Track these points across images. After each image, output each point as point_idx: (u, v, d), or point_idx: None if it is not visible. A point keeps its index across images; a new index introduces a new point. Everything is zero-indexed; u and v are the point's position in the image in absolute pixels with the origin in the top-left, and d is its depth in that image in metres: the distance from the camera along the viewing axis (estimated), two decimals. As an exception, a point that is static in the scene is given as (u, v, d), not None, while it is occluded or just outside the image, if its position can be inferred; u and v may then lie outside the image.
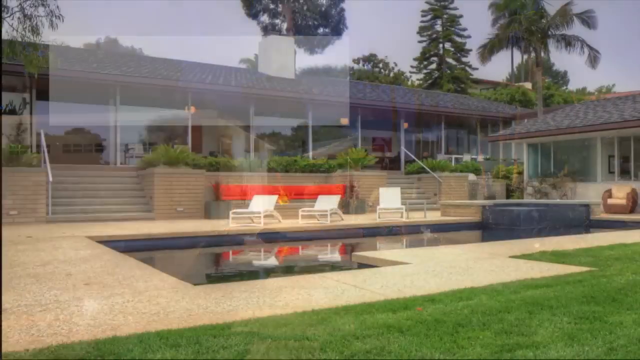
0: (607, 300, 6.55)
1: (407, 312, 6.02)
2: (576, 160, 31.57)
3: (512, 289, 7.26)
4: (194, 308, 6.53)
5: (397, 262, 10.33)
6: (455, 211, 24.63)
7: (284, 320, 5.71)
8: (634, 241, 13.20)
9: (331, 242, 19.62)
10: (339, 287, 7.70)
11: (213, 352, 4.73)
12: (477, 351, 4.74)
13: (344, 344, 4.92)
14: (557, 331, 5.31)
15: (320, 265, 15.42)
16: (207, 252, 17.34)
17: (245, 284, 8.31)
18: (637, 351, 4.71)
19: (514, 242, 13.74)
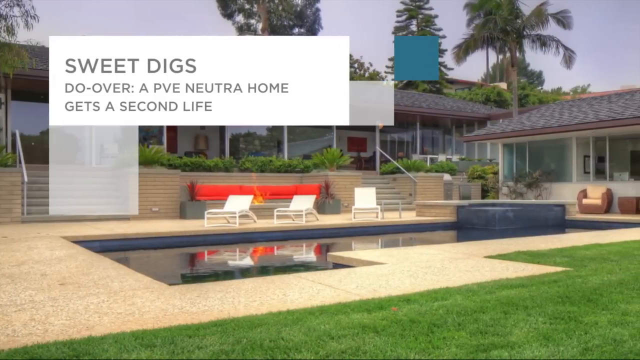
0: (583, 300, 6.57)
1: (383, 312, 6.02)
2: (551, 161, 31.68)
3: (488, 289, 7.27)
4: (169, 308, 6.53)
5: (372, 262, 10.33)
6: (431, 211, 24.65)
7: (259, 320, 5.71)
8: (609, 241, 13.24)
9: (306, 242, 19.62)
10: (314, 287, 7.71)
11: (188, 352, 4.74)
12: (452, 351, 4.75)
13: (319, 344, 4.93)
14: (532, 331, 5.32)
15: (296, 265, 15.39)
16: (182, 252, 17.34)
17: (221, 284, 8.29)
18: (612, 351, 4.73)
19: (489, 242, 13.72)
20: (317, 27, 66.90)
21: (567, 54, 41.35)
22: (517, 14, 42.56)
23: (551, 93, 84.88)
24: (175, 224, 20.70)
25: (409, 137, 44.11)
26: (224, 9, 64.67)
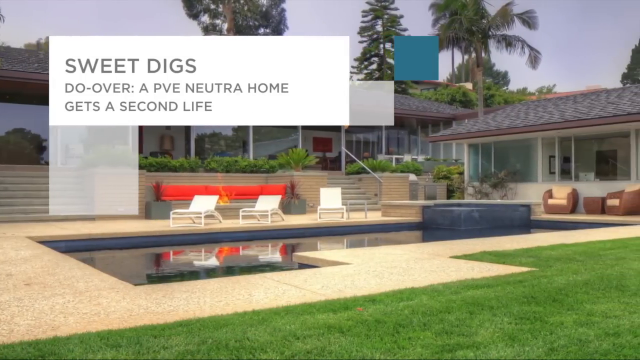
0: (548, 300, 6.59)
1: (348, 313, 6.02)
2: (517, 161, 31.81)
3: (453, 289, 7.27)
4: (135, 308, 6.50)
5: (337, 263, 10.33)
6: (396, 211, 24.70)
7: (224, 321, 5.69)
8: (574, 241, 13.27)
9: (272, 242, 19.66)
10: (280, 288, 7.69)
11: (154, 352, 4.72)
12: (417, 351, 4.76)
13: (284, 344, 4.92)
14: (497, 331, 5.33)
15: (261, 265, 15.41)
16: (147, 252, 17.33)
17: (186, 284, 8.27)
18: (578, 351, 4.75)
19: (455, 243, 13.74)
20: (283, 28, 66.99)
21: (533, 54, 41.57)
22: (483, 14, 42.69)
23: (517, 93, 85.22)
24: (140, 224, 20.66)
25: (374, 137, 44.11)
26: (189, 9, 64.58)
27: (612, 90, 32.91)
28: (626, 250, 11.34)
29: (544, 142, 29.98)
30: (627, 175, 26.69)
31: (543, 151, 30.07)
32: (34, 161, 31.00)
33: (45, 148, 32.03)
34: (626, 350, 4.76)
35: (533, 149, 30.53)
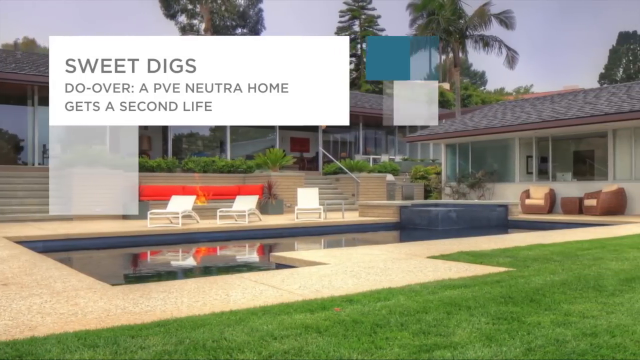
0: (525, 300, 6.60)
1: (325, 313, 6.01)
2: (494, 161, 31.90)
3: (430, 290, 7.26)
4: (112, 308, 6.48)
5: (315, 263, 10.33)
6: (373, 211, 24.73)
7: (201, 321, 5.67)
8: (551, 242, 13.29)
9: (249, 242, 19.68)
10: (257, 288, 7.68)
11: (131, 352, 4.70)
12: (395, 352, 4.75)
13: (262, 344, 4.91)
14: (475, 332, 5.33)
15: (239, 265, 15.43)
16: (125, 252, 17.32)
17: (164, 284, 8.25)
18: (555, 351, 4.75)
19: (432, 243, 13.72)
20: (260, 28, 67.10)
21: (510, 54, 41.72)
22: (460, 14, 42.77)
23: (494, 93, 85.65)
24: (118, 224, 20.69)
25: (351, 137, 44.14)
26: (167, 9, 64.56)
27: (590, 90, 33.05)
28: (603, 251, 11.36)
29: (521, 142, 30.07)
30: (604, 175, 26.82)
31: (520, 151, 30.15)
32: (11, 161, 30.89)
33: (22, 148, 31.91)
34: (603, 350, 4.77)
35: (510, 149, 30.64)
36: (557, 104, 29.99)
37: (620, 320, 5.68)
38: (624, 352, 4.74)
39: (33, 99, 28.80)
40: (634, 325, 5.48)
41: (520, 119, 28.81)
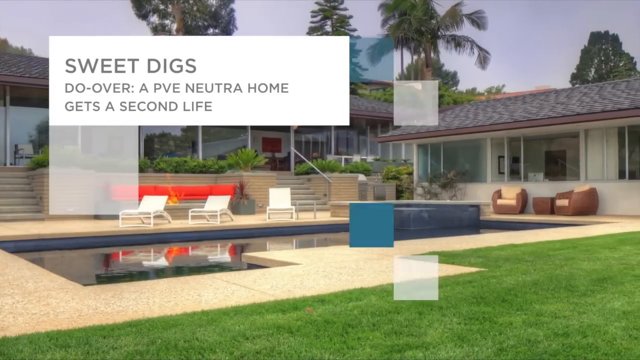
0: (497, 300, 6.62)
1: (297, 313, 6.02)
2: (466, 161, 32.00)
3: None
4: (84, 308, 6.46)
5: (287, 263, 10.34)
6: (345, 212, 24.46)
7: (173, 321, 5.67)
8: (523, 242, 13.33)
9: (221, 242, 19.69)
10: (229, 288, 7.67)
11: (103, 352, 4.69)
12: (367, 352, 4.76)
13: (233, 344, 4.91)
14: (446, 332, 5.34)
15: (210, 266, 15.42)
16: (97, 252, 17.28)
17: (135, 284, 8.23)
18: (527, 352, 4.77)
19: (404, 243, 13.67)
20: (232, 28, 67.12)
21: (482, 55, 41.95)
22: (432, 14, 42.97)
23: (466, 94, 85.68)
24: (90, 224, 20.59)
25: (323, 137, 44.08)
26: (138, 9, 64.40)
27: (561, 90, 33.23)
28: (575, 251, 11.41)
29: (493, 143, 30.18)
30: (576, 175, 26.95)
31: (492, 151, 30.26)
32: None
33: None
34: (575, 350, 4.80)
35: (482, 149, 30.73)
36: (529, 104, 30.11)
37: (591, 321, 5.71)
38: (595, 352, 4.76)
39: (5, 99, 28.70)
40: (605, 326, 5.51)
41: (492, 119, 28.88)
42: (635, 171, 25.45)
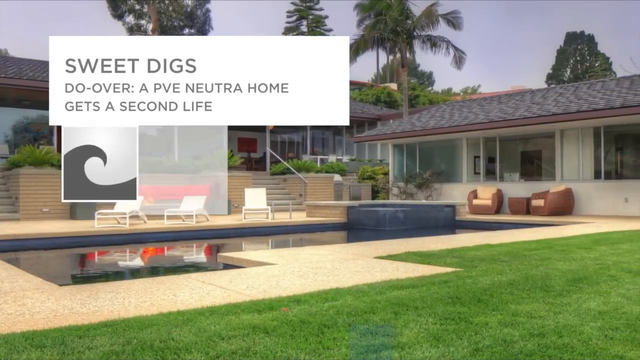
0: (473, 301, 6.63)
1: (273, 313, 6.02)
2: (442, 161, 32.05)
3: (378, 290, 7.27)
4: (60, 309, 6.44)
5: (262, 263, 10.34)
6: (321, 212, 24.79)
7: (149, 321, 5.66)
8: (499, 242, 13.36)
9: (197, 242, 19.71)
10: (205, 288, 7.67)
11: (79, 352, 4.68)
12: (342, 352, 4.76)
13: (209, 344, 4.90)
14: (422, 332, 5.34)
15: (186, 266, 15.42)
16: (72, 252, 17.26)
17: (111, 284, 8.23)
18: (503, 352, 4.78)
19: (380, 243, 13.73)
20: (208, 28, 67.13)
21: (458, 55, 41.90)
22: (408, 14, 42.92)
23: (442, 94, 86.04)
24: (65, 225, 20.53)
25: (299, 137, 44.22)
26: (114, 9, 64.31)
27: (537, 90, 33.35)
28: (551, 251, 11.45)
29: (468, 143, 30.28)
30: (551, 175, 27.10)
31: (468, 151, 30.37)
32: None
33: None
34: (551, 350, 4.81)
35: (458, 149, 30.82)
36: (505, 104, 30.23)
37: (567, 321, 5.73)
38: (571, 352, 4.78)
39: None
40: (581, 326, 5.53)
41: (467, 119, 28.95)
42: (611, 171, 25.62)
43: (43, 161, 24.92)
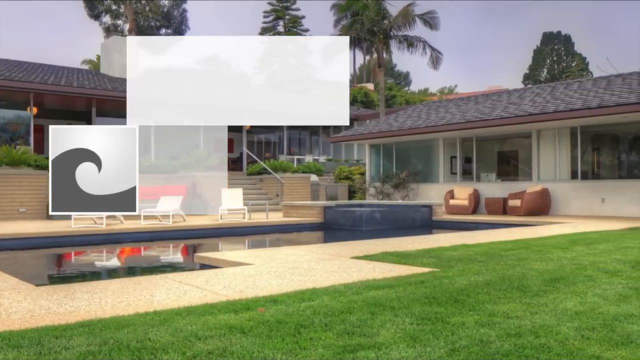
0: (449, 301, 6.63)
1: (249, 313, 6.01)
2: (419, 161, 32.17)
3: (354, 290, 7.28)
4: (36, 309, 6.42)
5: (239, 263, 10.35)
6: (298, 212, 24.84)
7: (125, 321, 5.64)
8: (476, 242, 13.41)
9: (174, 242, 19.72)
10: (181, 288, 7.66)
11: (55, 352, 4.66)
12: (319, 352, 4.76)
13: (186, 344, 4.90)
14: (399, 332, 5.34)
15: (163, 266, 15.41)
16: (49, 252, 17.24)
17: (88, 284, 8.19)
18: (479, 352, 4.78)
19: (357, 243, 13.75)
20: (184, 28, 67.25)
21: (434, 55, 42.02)
22: (384, 14, 42.98)
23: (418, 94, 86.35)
24: (42, 225, 20.48)
25: (276, 137, 44.19)
26: (91, 9, 64.22)
27: (514, 90, 33.57)
28: (527, 251, 11.48)
29: (445, 143, 30.39)
30: (528, 175, 27.23)
31: (445, 152, 30.47)
32: None
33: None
34: (527, 350, 4.82)
35: (435, 149, 30.92)
36: (481, 104, 30.37)
37: (544, 321, 5.75)
38: (548, 352, 4.79)
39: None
40: (557, 326, 5.55)
41: (444, 120, 29.02)
42: (588, 171, 25.75)
43: (20, 161, 24.84)
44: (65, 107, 34.67)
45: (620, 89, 23.98)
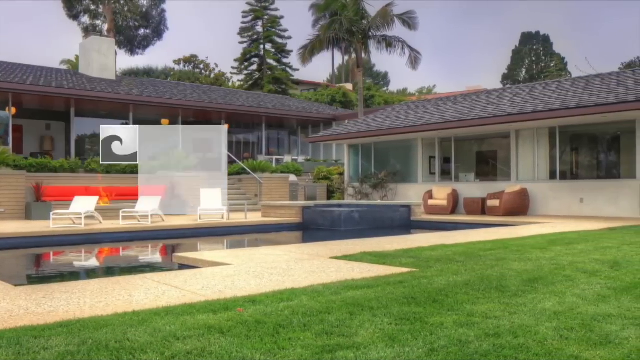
0: (428, 301, 6.65)
1: (228, 313, 6.02)
2: (397, 161, 32.15)
3: (333, 290, 7.30)
4: (15, 309, 6.41)
5: (218, 263, 10.36)
6: (276, 212, 24.86)
7: (104, 321, 5.64)
8: (454, 242, 13.43)
9: (152, 242, 19.75)
10: (160, 288, 7.67)
11: (34, 353, 4.66)
12: (298, 352, 4.76)
13: (164, 344, 4.90)
14: (378, 332, 5.36)
15: (142, 266, 15.36)
16: (27, 253, 17.22)
17: (66, 285, 8.15)
18: (458, 352, 4.79)
19: (335, 243, 13.77)
20: (163, 28, 66.99)
21: (413, 55, 41.97)
22: (363, 14, 42.92)
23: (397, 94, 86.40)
24: (20, 225, 20.47)
25: (254, 137, 44.15)
26: (69, 10, 63.84)
27: (493, 90, 33.51)
28: (506, 251, 11.51)
29: (424, 143, 30.41)
30: (507, 176, 27.28)
31: (423, 152, 30.48)
32: None
33: None
34: (506, 350, 4.84)
35: (413, 149, 30.93)
36: (460, 104, 30.38)
37: (522, 321, 5.78)
38: (526, 352, 4.81)
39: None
40: (536, 326, 5.58)
41: (423, 120, 29.02)
42: (566, 171, 25.85)
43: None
44: (44, 107, 34.69)
45: (599, 89, 24.06)
